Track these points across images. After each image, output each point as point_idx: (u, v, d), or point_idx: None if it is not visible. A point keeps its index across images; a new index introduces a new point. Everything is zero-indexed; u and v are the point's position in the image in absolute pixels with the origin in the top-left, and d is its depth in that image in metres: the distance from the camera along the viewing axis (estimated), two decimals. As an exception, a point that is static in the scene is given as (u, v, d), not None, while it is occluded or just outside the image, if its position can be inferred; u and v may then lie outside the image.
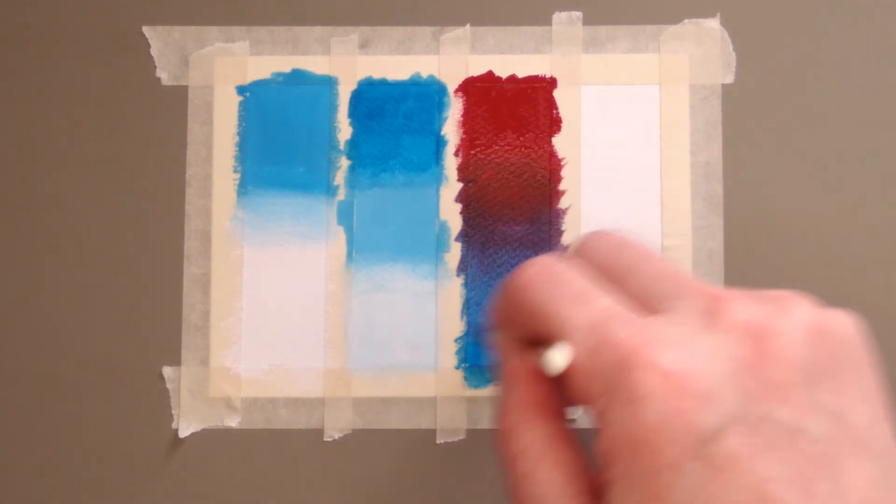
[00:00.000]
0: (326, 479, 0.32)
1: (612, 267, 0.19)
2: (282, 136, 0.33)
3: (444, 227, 0.32)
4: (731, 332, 0.16)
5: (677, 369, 0.16)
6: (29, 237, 0.32)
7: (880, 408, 0.17)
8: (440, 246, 0.32)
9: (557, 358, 0.17)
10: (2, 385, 0.32)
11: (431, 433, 0.32)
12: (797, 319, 0.17)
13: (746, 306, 0.17)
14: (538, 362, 0.19)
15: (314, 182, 0.32)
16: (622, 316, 0.17)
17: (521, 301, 0.19)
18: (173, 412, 0.32)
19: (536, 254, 0.32)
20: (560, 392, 0.20)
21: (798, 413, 0.16)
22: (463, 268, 0.32)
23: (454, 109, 0.33)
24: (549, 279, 0.19)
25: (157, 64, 0.33)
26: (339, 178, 0.32)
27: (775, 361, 0.16)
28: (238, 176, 0.32)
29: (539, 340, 0.19)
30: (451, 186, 0.32)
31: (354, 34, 0.33)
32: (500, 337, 0.21)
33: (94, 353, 0.32)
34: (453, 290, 0.32)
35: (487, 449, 0.32)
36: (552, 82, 0.33)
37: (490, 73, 0.33)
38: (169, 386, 0.32)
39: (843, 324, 0.17)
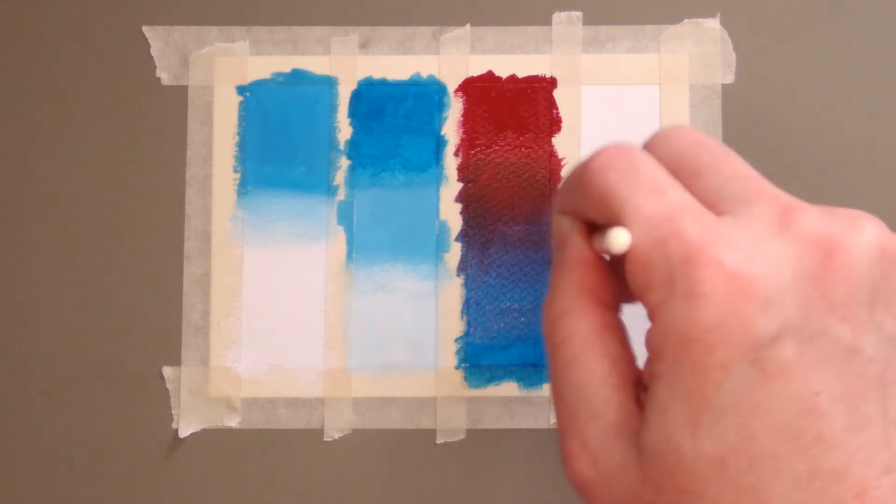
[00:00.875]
0: (326, 479, 0.32)
1: (687, 163, 0.18)
2: (282, 136, 0.33)
3: (444, 227, 0.32)
4: (801, 241, 0.16)
5: (742, 271, 0.15)
6: (29, 237, 0.32)
7: None
8: (440, 246, 0.32)
9: (621, 236, 0.17)
10: (2, 385, 0.32)
11: (431, 433, 0.32)
12: (868, 238, 0.17)
13: (819, 218, 0.17)
14: (600, 245, 0.19)
15: (314, 182, 0.32)
16: (695, 212, 0.17)
17: (595, 183, 0.18)
18: (173, 412, 0.32)
19: (537, 253, 0.32)
20: (615, 283, 0.19)
21: (856, 332, 0.15)
22: (463, 268, 0.32)
23: (454, 109, 0.33)
24: (626, 165, 0.18)
25: (157, 64, 0.33)
26: (339, 178, 0.32)
27: (841, 277, 0.16)
28: (238, 176, 0.32)
29: (605, 225, 0.18)
30: (451, 186, 0.32)
31: (354, 34, 0.33)
32: (563, 220, 0.20)
33: (94, 353, 0.32)
34: (453, 290, 0.32)
35: (487, 449, 0.32)
36: (552, 82, 0.33)
37: (490, 73, 0.33)
38: (169, 386, 0.32)
39: None
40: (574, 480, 0.18)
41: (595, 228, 0.19)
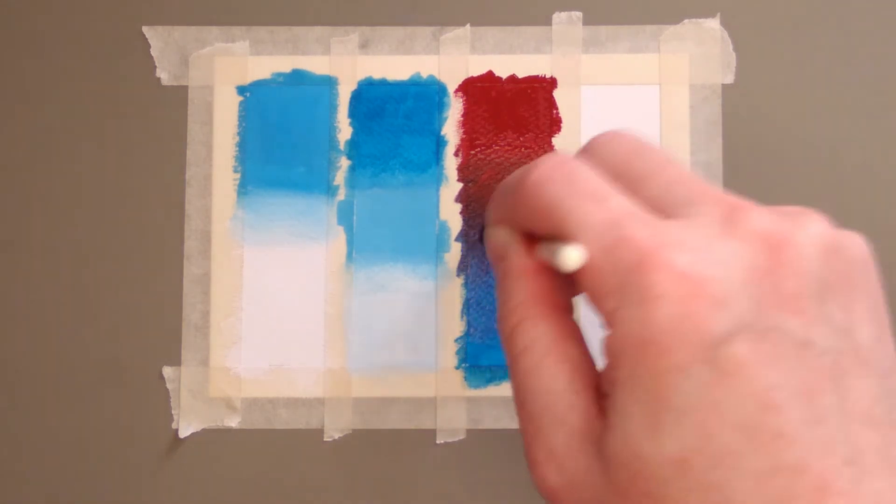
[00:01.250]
0: (326, 479, 0.32)
1: (627, 170, 0.18)
2: (282, 136, 0.33)
3: (444, 227, 0.32)
4: (748, 240, 0.16)
5: (693, 272, 0.16)
6: (29, 237, 0.32)
7: (885, 328, 0.17)
8: (440, 246, 0.32)
9: (573, 255, 0.17)
10: (2, 385, 0.32)
11: (431, 433, 0.32)
12: (813, 233, 0.17)
13: (764, 216, 0.17)
14: (546, 258, 0.19)
15: (314, 182, 0.32)
16: (640, 216, 0.17)
17: (534, 197, 0.18)
18: (173, 412, 0.32)
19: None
20: (565, 287, 0.19)
21: (807, 325, 0.15)
22: (463, 268, 0.32)
23: (454, 109, 0.33)
24: (564, 176, 0.18)
25: (157, 64, 0.33)
26: (339, 178, 0.32)
27: (789, 272, 0.16)
28: (238, 176, 0.32)
29: (545, 236, 0.19)
30: (451, 186, 0.32)
31: (354, 34, 0.33)
32: (503, 232, 0.20)
33: (94, 353, 0.32)
34: (453, 290, 0.32)
35: (487, 449, 0.32)
36: (552, 82, 0.33)
37: (490, 73, 0.33)
38: (169, 386, 0.32)
39: (856, 243, 0.17)
40: (541, 488, 0.18)
41: (534, 238, 0.20)
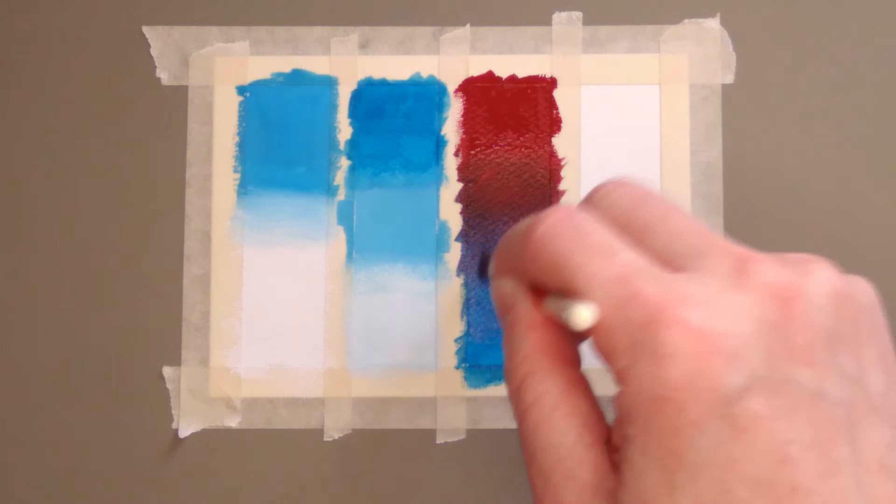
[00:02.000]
0: (326, 479, 0.32)
1: (632, 221, 0.18)
2: (282, 136, 0.33)
3: (444, 227, 0.32)
4: (758, 293, 0.16)
5: (706, 328, 0.15)
6: (29, 237, 0.32)
7: (894, 374, 0.17)
8: (440, 246, 0.32)
9: (585, 314, 0.17)
10: (2, 385, 0.32)
11: (431, 433, 0.32)
12: (822, 282, 0.17)
13: (772, 268, 0.17)
14: (555, 313, 0.18)
15: (314, 182, 0.32)
16: (649, 271, 0.17)
17: (540, 252, 0.18)
18: (173, 412, 0.32)
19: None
20: (572, 338, 0.19)
21: (820, 376, 0.15)
22: (463, 268, 0.32)
23: (454, 109, 0.33)
24: (570, 230, 0.18)
25: (157, 64, 0.33)
26: (339, 178, 0.32)
27: (800, 324, 0.16)
28: (238, 176, 0.32)
29: (553, 290, 0.18)
30: (451, 186, 0.32)
31: (354, 34, 0.33)
32: (509, 284, 0.20)
33: (94, 353, 0.32)
34: (453, 290, 0.32)
35: (487, 449, 0.32)
36: (552, 82, 0.33)
37: (490, 73, 0.33)
38: (169, 386, 0.32)
39: (864, 290, 0.17)
40: None
41: (540, 290, 0.19)
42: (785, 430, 0.15)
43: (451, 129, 0.33)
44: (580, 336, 0.19)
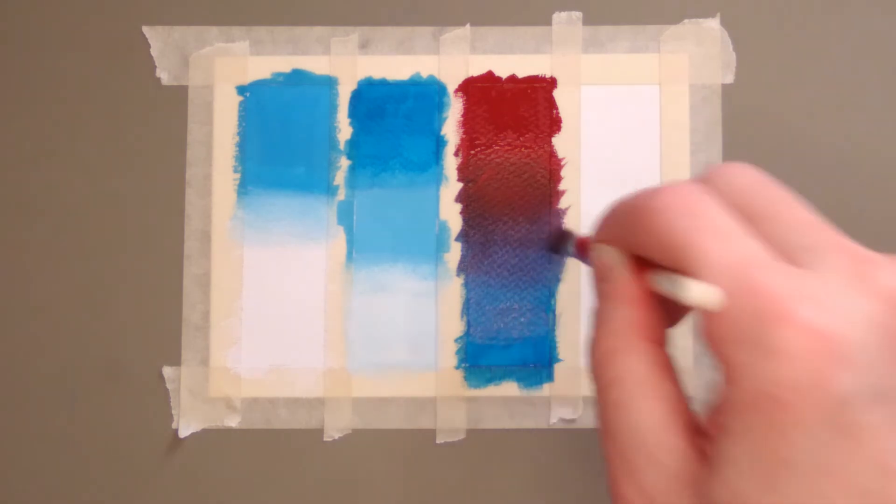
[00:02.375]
0: (326, 479, 0.32)
1: (750, 205, 0.18)
2: (282, 136, 0.33)
3: (444, 227, 0.32)
4: (877, 297, 0.16)
5: (824, 328, 0.15)
6: (29, 237, 0.32)
7: None
8: (440, 246, 0.32)
9: (708, 294, 0.16)
10: (2, 385, 0.32)
11: (431, 433, 0.32)
12: None
13: (893, 272, 0.16)
14: (666, 289, 0.18)
15: (314, 182, 0.32)
16: (768, 262, 0.16)
17: (656, 225, 0.18)
18: (173, 412, 0.32)
19: (537, 253, 0.32)
20: (663, 319, 0.19)
21: None
22: (463, 268, 0.32)
23: (454, 109, 0.33)
24: (689, 207, 0.17)
25: (157, 64, 0.33)
26: (339, 178, 0.32)
27: None
28: (238, 176, 0.32)
29: (661, 266, 0.18)
30: (451, 186, 0.32)
31: (354, 34, 0.33)
32: (612, 253, 0.20)
33: (94, 353, 0.32)
34: (453, 290, 0.32)
35: (487, 449, 0.32)
36: (552, 82, 0.33)
37: (490, 73, 0.33)
38: (169, 386, 0.32)
39: None
40: None
41: (643, 262, 0.19)
42: (892, 442, 0.14)
43: (451, 129, 0.33)
44: (674, 317, 0.18)
